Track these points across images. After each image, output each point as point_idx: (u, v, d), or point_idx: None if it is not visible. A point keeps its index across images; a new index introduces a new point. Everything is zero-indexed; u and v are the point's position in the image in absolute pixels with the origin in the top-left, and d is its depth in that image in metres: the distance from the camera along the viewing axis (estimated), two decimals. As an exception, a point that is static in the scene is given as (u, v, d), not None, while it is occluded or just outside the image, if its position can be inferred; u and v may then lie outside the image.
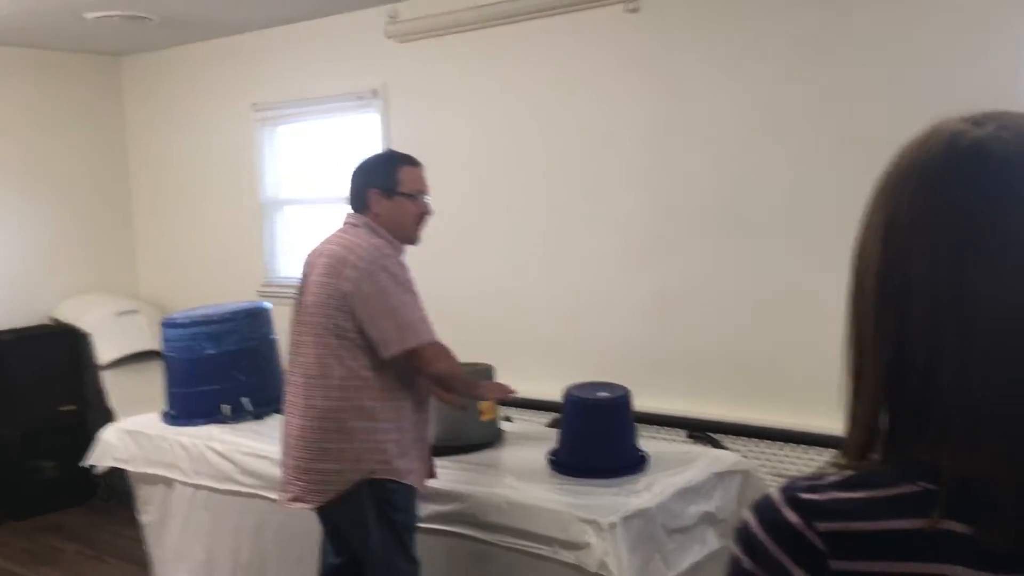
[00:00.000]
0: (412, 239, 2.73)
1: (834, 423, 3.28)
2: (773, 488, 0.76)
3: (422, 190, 2.73)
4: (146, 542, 3.72)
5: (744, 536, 0.75)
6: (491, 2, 4.02)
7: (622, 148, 3.82)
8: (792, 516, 0.72)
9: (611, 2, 3.73)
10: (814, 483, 0.74)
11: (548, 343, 4.10)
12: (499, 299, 4.25)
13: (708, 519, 2.81)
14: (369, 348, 2.52)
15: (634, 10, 3.70)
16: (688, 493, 2.76)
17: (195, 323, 3.67)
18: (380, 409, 2.55)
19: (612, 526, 2.44)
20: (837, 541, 0.71)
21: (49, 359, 5.18)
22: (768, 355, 3.53)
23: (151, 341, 5.24)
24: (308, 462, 2.57)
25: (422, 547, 2.68)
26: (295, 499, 2.62)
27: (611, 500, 2.61)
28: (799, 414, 3.44)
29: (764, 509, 0.74)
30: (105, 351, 5.20)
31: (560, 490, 2.72)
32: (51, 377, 5.18)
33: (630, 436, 2.98)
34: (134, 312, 5.41)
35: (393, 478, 2.56)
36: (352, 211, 2.72)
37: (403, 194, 2.67)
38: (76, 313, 5.35)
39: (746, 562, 0.74)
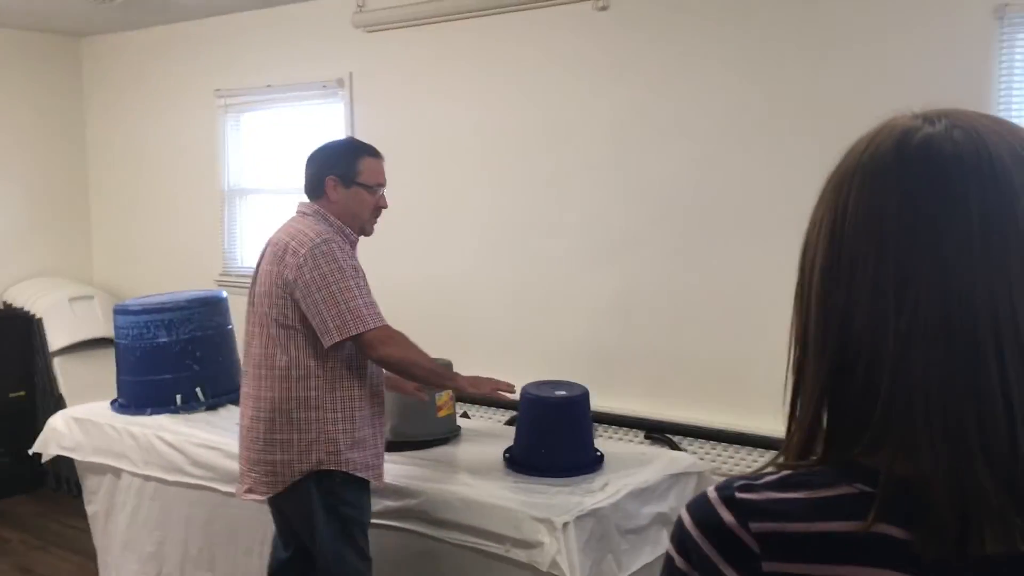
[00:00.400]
0: (366, 230, 2.69)
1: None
2: (710, 487, 0.74)
3: (381, 182, 2.68)
4: (92, 533, 3.64)
5: (678, 535, 0.73)
6: (460, -6, 3.98)
7: (587, 145, 3.81)
8: (726, 515, 0.70)
9: (581, -1, 3.72)
10: (751, 482, 0.72)
11: (507, 340, 4.07)
12: (458, 294, 4.22)
13: (662, 520, 2.80)
14: (314, 337, 2.48)
15: (604, 8, 3.68)
16: (643, 494, 2.75)
17: (148, 311, 3.59)
18: (327, 399, 2.51)
19: (565, 525, 2.42)
20: (770, 542, 0.69)
21: (-2, 344, 5.06)
22: (727, 357, 3.53)
23: (105, 328, 5.14)
24: (259, 453, 2.55)
25: (374, 543, 2.65)
26: (248, 490, 2.60)
27: (565, 499, 2.59)
28: (757, 417, 3.44)
29: (699, 508, 0.73)
30: (57, 337, 5.09)
31: (515, 488, 2.69)
32: (0, 362, 5.06)
33: (587, 435, 2.96)
34: (88, 298, 5.30)
35: (343, 469, 2.52)
36: (306, 198, 2.68)
37: (361, 184, 2.63)
38: (28, 297, 5.24)
39: (679, 561, 0.72)
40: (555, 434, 2.87)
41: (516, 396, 2.76)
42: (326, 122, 4.65)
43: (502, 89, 4.03)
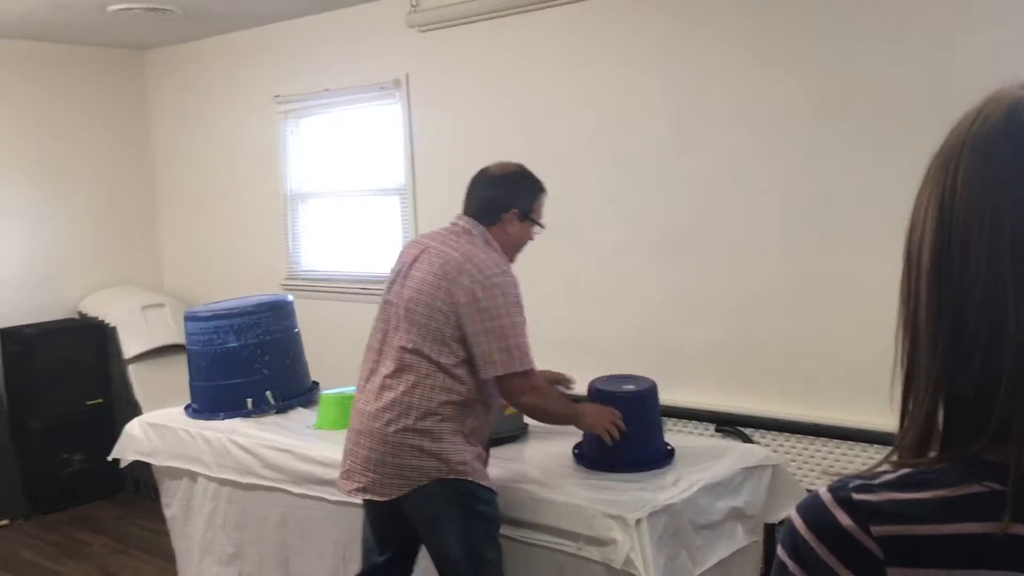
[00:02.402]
0: (513, 260, 2.69)
1: (866, 417, 3.21)
2: (821, 487, 0.70)
3: (542, 219, 2.72)
4: (171, 535, 3.72)
5: (790, 539, 0.69)
6: (513, -11, 3.96)
7: (647, 136, 3.76)
8: (844, 519, 0.66)
9: (636, -13, 3.67)
10: (867, 482, 0.68)
11: (570, 335, 4.05)
12: (522, 292, 4.19)
13: (736, 515, 2.75)
14: (463, 356, 2.47)
15: (659, -5, 3.63)
16: (716, 488, 2.70)
17: (217, 316, 3.64)
18: (459, 413, 2.50)
19: (638, 522, 2.39)
20: (895, 546, 0.65)
21: (76, 353, 5.20)
22: (799, 348, 3.45)
23: (176, 334, 5.25)
24: (383, 455, 2.49)
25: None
26: (361, 489, 2.55)
27: (637, 495, 2.55)
28: (830, 408, 3.37)
29: (812, 510, 0.68)
30: (130, 345, 5.21)
31: (585, 485, 2.67)
32: (78, 371, 5.20)
33: (657, 430, 2.92)
34: (159, 306, 5.42)
35: (471, 479, 2.50)
36: (467, 215, 2.65)
37: (533, 221, 2.67)
38: (102, 307, 5.37)
39: (793, 567, 0.68)
40: (625, 429, 2.83)
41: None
42: (384, 124, 4.68)
43: (558, 82, 4.00)
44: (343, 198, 5.01)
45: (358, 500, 2.62)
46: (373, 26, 4.59)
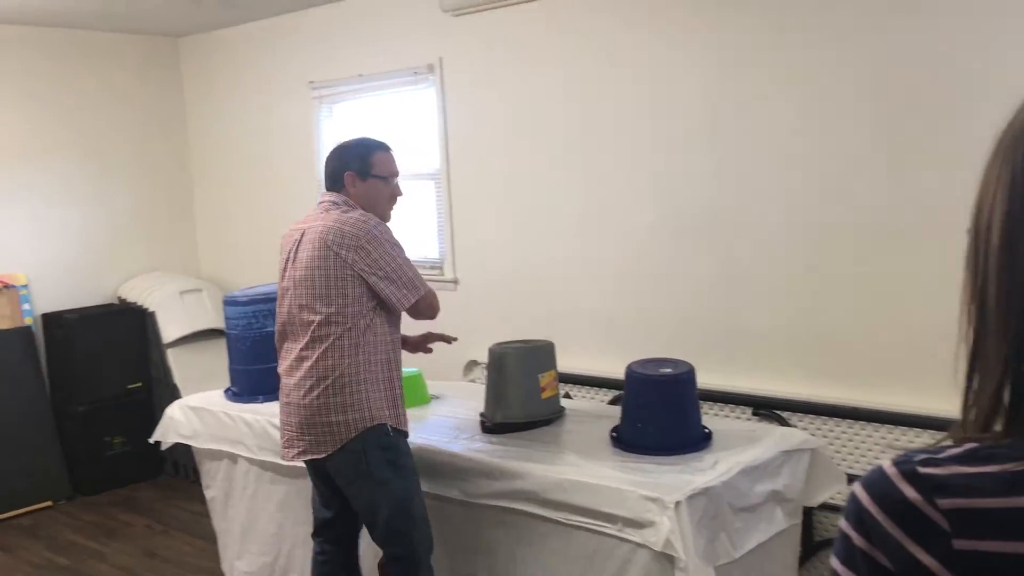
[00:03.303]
0: (385, 217, 2.91)
1: (905, 400, 3.18)
2: (885, 461, 0.71)
3: (394, 173, 2.95)
4: (212, 516, 3.78)
5: (855, 512, 0.69)
6: (548, -28, 3.95)
7: (684, 119, 3.73)
8: (910, 491, 0.67)
9: (671, -31, 3.64)
10: (932, 456, 0.68)
11: (608, 318, 4.05)
12: (557, 274, 4.21)
13: (776, 498, 2.75)
14: (360, 313, 2.72)
15: (695, -24, 3.60)
16: (754, 471, 2.69)
17: (255, 301, 3.69)
18: (372, 364, 2.75)
19: (677, 504, 2.40)
20: (962, 519, 0.65)
21: (116, 337, 5.28)
22: (836, 331, 3.43)
23: (213, 319, 5.32)
24: (313, 417, 2.74)
25: (486, 524, 2.66)
26: (301, 452, 2.81)
27: (675, 478, 2.56)
28: (868, 391, 3.35)
29: (877, 483, 0.69)
30: (170, 329, 5.28)
31: (623, 467, 2.67)
32: (118, 355, 5.28)
33: (694, 413, 2.92)
34: (197, 291, 5.49)
35: (391, 424, 2.77)
36: (327, 191, 2.91)
37: (376, 176, 2.89)
38: (141, 292, 5.45)
39: (857, 539, 0.69)
40: (662, 412, 2.84)
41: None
42: (418, 108, 4.68)
43: (593, 65, 3.98)
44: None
45: (300, 463, 2.87)
46: (406, 11, 4.60)
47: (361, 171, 2.87)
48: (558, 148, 4.16)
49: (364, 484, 2.75)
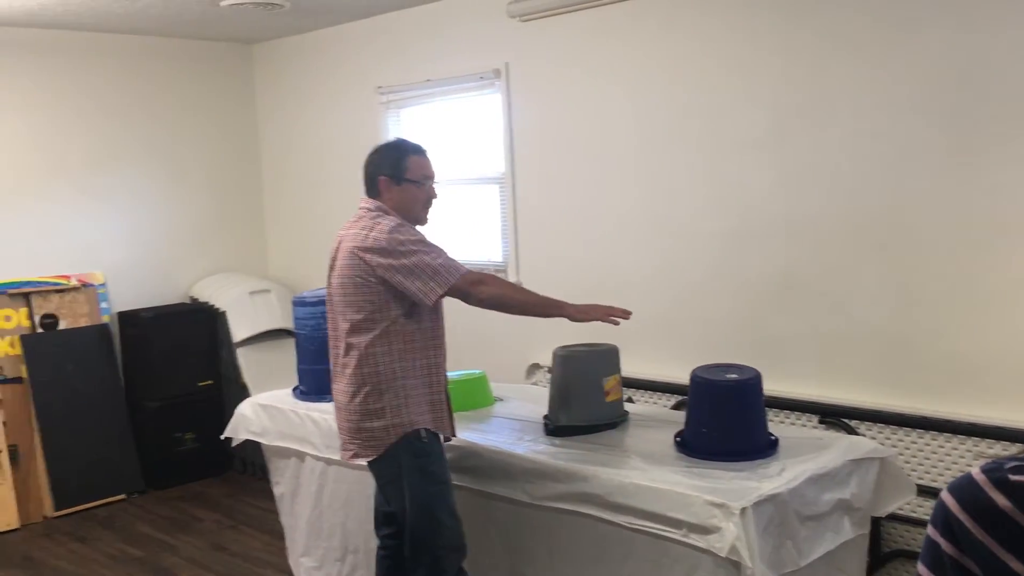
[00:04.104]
0: (420, 221, 2.92)
1: (975, 410, 3.12)
2: (974, 468, 0.71)
3: (428, 176, 2.92)
4: (280, 512, 3.85)
5: (942, 518, 0.70)
6: (615, -23, 3.95)
7: (748, 125, 3.70)
8: (1000, 499, 0.67)
9: (740, -27, 3.62)
10: (1022, 464, 0.68)
11: (671, 324, 4.03)
12: (619, 279, 4.20)
13: (843, 507, 2.71)
14: (392, 321, 2.74)
15: (765, -20, 3.57)
16: (822, 479, 2.66)
17: (323, 301, 3.72)
18: (408, 370, 2.77)
19: (743, 511, 2.38)
20: None
21: (188, 336, 5.43)
22: (905, 339, 3.37)
23: (281, 319, 5.42)
24: (358, 423, 2.78)
25: (550, 528, 2.67)
26: (355, 455, 2.86)
27: (741, 484, 2.54)
28: (938, 401, 3.28)
29: (966, 490, 0.69)
30: (239, 329, 5.41)
31: (688, 473, 2.66)
32: (190, 353, 5.42)
33: (760, 419, 2.90)
34: (266, 291, 5.60)
35: (426, 428, 2.80)
36: (366, 196, 2.93)
37: (410, 180, 2.87)
38: (212, 292, 5.59)
39: (946, 546, 0.69)
40: (728, 418, 2.82)
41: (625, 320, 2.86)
42: (484, 113, 4.73)
43: (658, 71, 3.98)
44: (444, 187, 5.05)
45: (361, 463, 2.89)
46: (473, 17, 4.64)
47: (395, 175, 2.86)
48: (622, 154, 4.15)
49: (395, 489, 2.81)
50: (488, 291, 2.77)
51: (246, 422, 3.80)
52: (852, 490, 2.74)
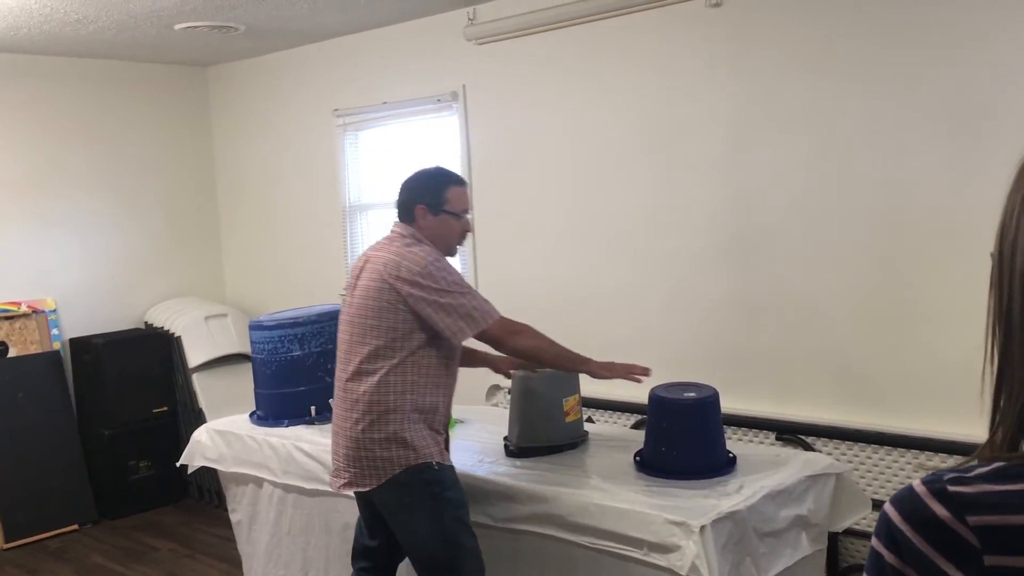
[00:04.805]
0: (451, 252, 2.88)
1: (931, 425, 3.17)
2: (915, 480, 0.72)
3: (466, 209, 2.88)
4: (237, 540, 3.80)
5: (886, 530, 0.71)
6: (569, 1, 4.00)
7: (705, 145, 3.76)
8: (940, 509, 0.68)
9: (692, -3, 3.68)
10: (961, 475, 0.70)
11: (631, 343, 4.05)
12: (579, 298, 4.23)
13: (801, 523, 2.74)
14: (411, 348, 2.68)
15: (716, 4, 3.64)
16: (780, 496, 2.69)
17: (281, 325, 3.72)
18: (419, 401, 2.70)
19: (702, 528, 2.40)
20: (992, 536, 0.67)
21: (142, 362, 5.34)
22: (861, 356, 3.43)
23: (238, 344, 5.37)
24: (357, 451, 2.69)
25: (511, 548, 2.66)
26: (347, 484, 2.77)
27: (700, 502, 2.56)
28: (892, 416, 3.34)
29: (908, 502, 0.71)
30: (195, 354, 5.34)
31: (648, 492, 2.68)
32: (144, 379, 5.34)
33: (719, 437, 2.92)
34: (222, 316, 5.54)
35: (437, 460, 2.71)
36: (399, 221, 2.85)
37: (448, 212, 2.81)
38: (167, 317, 5.51)
39: (889, 557, 0.70)
40: (686, 436, 2.84)
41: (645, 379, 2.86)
42: (441, 135, 4.74)
43: (616, 92, 4.02)
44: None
45: (350, 493, 2.82)
46: (430, 39, 4.66)
47: (433, 205, 2.78)
48: (580, 174, 4.19)
49: (407, 517, 2.70)
50: (525, 343, 2.78)
51: (202, 448, 3.75)
52: (809, 506, 2.77)
